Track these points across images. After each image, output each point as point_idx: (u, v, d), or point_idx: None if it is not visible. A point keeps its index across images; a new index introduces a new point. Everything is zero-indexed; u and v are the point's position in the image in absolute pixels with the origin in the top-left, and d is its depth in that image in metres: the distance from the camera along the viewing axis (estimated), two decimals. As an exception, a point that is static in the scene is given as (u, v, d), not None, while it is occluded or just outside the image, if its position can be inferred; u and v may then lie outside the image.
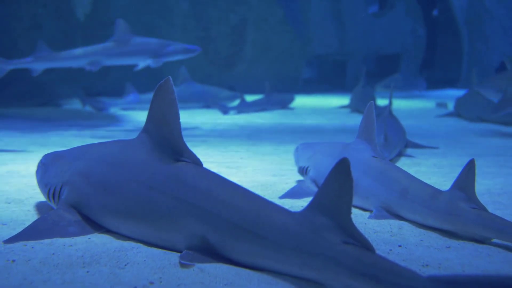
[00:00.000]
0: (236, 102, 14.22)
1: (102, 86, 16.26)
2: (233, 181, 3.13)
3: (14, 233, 3.29)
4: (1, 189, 4.75)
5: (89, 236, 3.32)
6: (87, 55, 10.22)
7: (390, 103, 8.24)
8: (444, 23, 23.89)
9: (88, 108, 13.52)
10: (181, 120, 3.20)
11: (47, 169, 3.85)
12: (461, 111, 12.31)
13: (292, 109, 14.54)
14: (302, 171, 5.01)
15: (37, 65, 10.02)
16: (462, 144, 8.51)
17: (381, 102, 12.83)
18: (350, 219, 2.57)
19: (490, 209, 3.64)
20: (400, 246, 3.33)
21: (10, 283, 2.62)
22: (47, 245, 3.14)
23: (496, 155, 7.27)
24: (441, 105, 15.13)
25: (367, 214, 4.08)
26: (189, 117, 11.62)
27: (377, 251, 2.59)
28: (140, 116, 11.80)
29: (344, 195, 2.56)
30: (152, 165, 3.22)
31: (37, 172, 4.03)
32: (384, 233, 3.60)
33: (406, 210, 3.85)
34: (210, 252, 2.89)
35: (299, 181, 5.08)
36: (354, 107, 13.68)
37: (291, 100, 14.88)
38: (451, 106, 13.53)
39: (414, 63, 22.97)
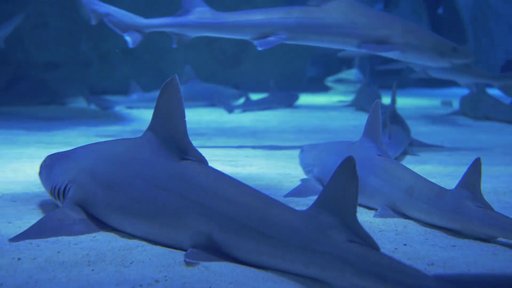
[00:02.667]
0: (241, 101, 14.21)
1: (107, 85, 16.28)
2: (238, 179, 3.13)
3: (20, 231, 3.30)
4: (6, 187, 4.77)
5: (94, 234, 3.32)
6: None
7: (394, 101, 8.22)
8: (449, 21, 23.82)
9: (93, 106, 13.53)
10: (186, 119, 3.21)
11: (52, 169, 3.85)
12: (466, 109, 12.27)
13: (297, 107, 14.53)
14: (307, 170, 5.01)
15: None
16: (468, 142, 8.49)
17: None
18: (356, 218, 2.57)
19: (496, 208, 3.62)
20: (405, 244, 3.32)
21: (16, 281, 2.63)
22: (52, 244, 3.15)
23: (502, 153, 7.25)
24: (446, 103, 15.07)
25: (373, 212, 4.08)
26: (194, 116, 11.62)
27: (382, 250, 2.59)
28: (145, 115, 11.80)
29: (350, 194, 2.56)
30: (157, 164, 3.22)
31: (41, 173, 4.03)
32: (389, 232, 3.59)
33: (412, 209, 3.85)
34: (216, 251, 2.90)
35: (304, 180, 5.08)
36: (359, 106, 13.66)
37: (296, 98, 14.86)
38: (456, 104, 13.49)
39: (419, 61, 22.91)
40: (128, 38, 6.63)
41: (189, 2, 6.71)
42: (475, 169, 3.57)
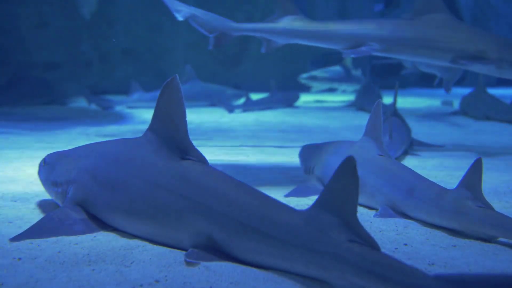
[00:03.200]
0: (241, 101, 14.22)
1: (107, 84, 16.29)
2: (238, 179, 3.13)
3: (20, 231, 3.30)
4: (7, 187, 4.77)
5: (94, 234, 3.33)
6: None
7: (395, 101, 8.21)
8: (450, 21, 23.77)
9: (93, 106, 13.54)
10: (187, 119, 3.21)
11: (53, 168, 3.85)
12: (467, 109, 12.27)
13: (297, 107, 14.53)
14: (308, 170, 5.00)
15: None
16: (468, 142, 8.49)
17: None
18: (356, 218, 2.56)
19: (496, 207, 3.62)
20: (405, 244, 3.32)
21: (16, 281, 2.63)
22: (53, 243, 3.15)
23: (502, 153, 7.25)
24: (447, 103, 15.08)
25: (373, 212, 4.07)
26: (194, 116, 11.63)
27: (383, 250, 2.59)
28: (146, 114, 11.81)
29: (350, 194, 2.55)
30: (158, 164, 3.22)
31: (40, 171, 4.03)
32: (389, 232, 3.59)
33: (412, 209, 3.85)
34: (216, 251, 2.89)
35: (304, 180, 5.08)
36: (359, 105, 13.66)
37: (296, 98, 14.87)
38: (457, 104, 13.49)
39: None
40: (212, 40, 6.63)
41: (282, 9, 6.73)
42: (475, 169, 3.57)
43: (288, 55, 19.53)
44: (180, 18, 6.69)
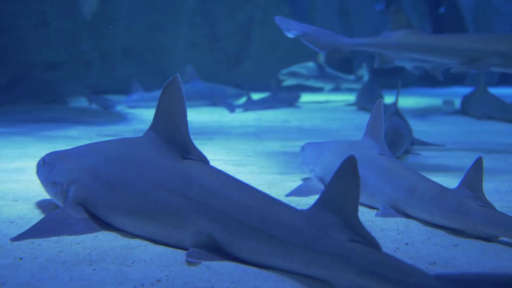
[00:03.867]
0: (242, 100, 14.22)
1: (108, 84, 16.29)
2: (239, 179, 3.13)
3: (21, 231, 3.30)
4: (8, 187, 4.77)
5: (95, 234, 3.33)
6: None
7: (397, 101, 8.21)
8: (451, 20, 23.80)
9: (94, 106, 13.54)
10: (188, 118, 3.21)
11: (53, 168, 3.84)
12: (468, 108, 12.25)
13: (298, 107, 14.52)
14: (309, 169, 5.00)
15: None
16: (469, 142, 8.48)
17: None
18: (357, 217, 2.57)
19: (497, 207, 3.62)
20: (407, 244, 3.32)
21: (18, 280, 2.63)
22: (54, 243, 3.15)
23: (503, 152, 7.24)
24: (447, 102, 15.05)
25: (374, 212, 4.07)
26: (195, 115, 11.63)
27: (384, 249, 2.58)
28: (146, 114, 11.81)
29: (351, 193, 2.56)
30: (159, 163, 3.22)
31: (39, 171, 4.02)
32: (390, 231, 3.59)
33: (413, 208, 3.85)
34: (217, 250, 2.90)
35: (305, 179, 5.08)
36: (360, 105, 13.65)
37: (297, 98, 14.86)
38: (457, 103, 13.47)
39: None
40: (324, 56, 6.66)
41: (395, 23, 6.68)
42: (476, 168, 3.57)
43: (289, 54, 19.51)
44: (291, 36, 6.71)
